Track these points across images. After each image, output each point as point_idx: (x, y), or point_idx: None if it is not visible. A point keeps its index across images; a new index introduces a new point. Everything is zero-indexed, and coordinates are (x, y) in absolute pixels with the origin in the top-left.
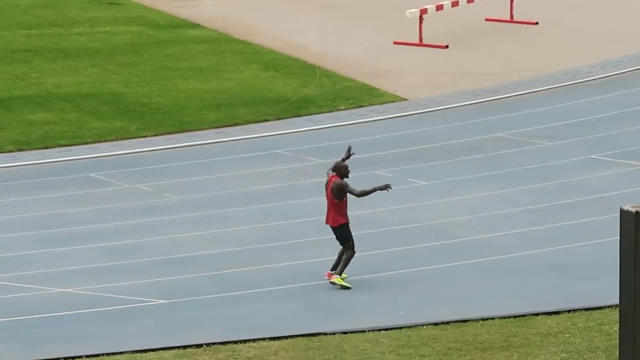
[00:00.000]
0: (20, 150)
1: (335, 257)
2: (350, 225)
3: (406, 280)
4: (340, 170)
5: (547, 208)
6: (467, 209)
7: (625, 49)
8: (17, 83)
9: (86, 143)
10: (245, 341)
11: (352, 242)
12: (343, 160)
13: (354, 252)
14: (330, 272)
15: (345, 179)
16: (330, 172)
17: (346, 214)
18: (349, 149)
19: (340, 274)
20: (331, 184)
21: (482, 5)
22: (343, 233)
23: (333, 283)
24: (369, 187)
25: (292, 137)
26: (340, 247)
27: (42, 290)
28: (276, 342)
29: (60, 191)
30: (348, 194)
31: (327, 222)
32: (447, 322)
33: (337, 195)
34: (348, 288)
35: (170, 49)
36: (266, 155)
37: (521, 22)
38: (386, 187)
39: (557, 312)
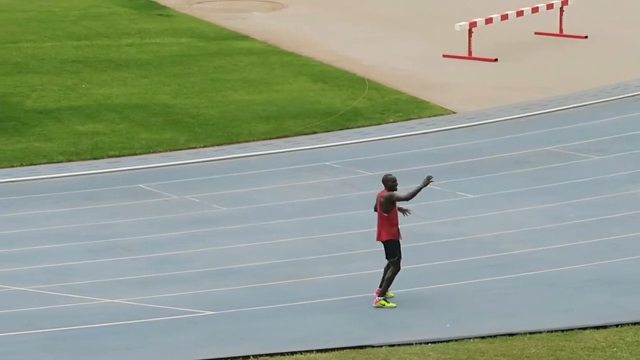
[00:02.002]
0: (69, 160)
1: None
2: (400, 241)
3: (453, 294)
4: (388, 183)
5: (595, 222)
6: (515, 222)
7: None
8: (67, 94)
9: (135, 154)
10: (292, 353)
11: (399, 257)
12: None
13: (398, 269)
14: (379, 288)
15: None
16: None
17: (395, 229)
18: (429, 178)
19: (383, 294)
20: (380, 199)
21: (531, 18)
22: (390, 247)
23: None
24: (412, 188)
25: (340, 149)
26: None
27: (90, 300)
28: (324, 354)
29: (109, 202)
30: (396, 207)
31: (377, 239)
32: (495, 336)
33: (385, 208)
34: (393, 307)
35: (220, 60)
36: (314, 168)
37: (570, 35)
38: (429, 180)
39: (604, 327)
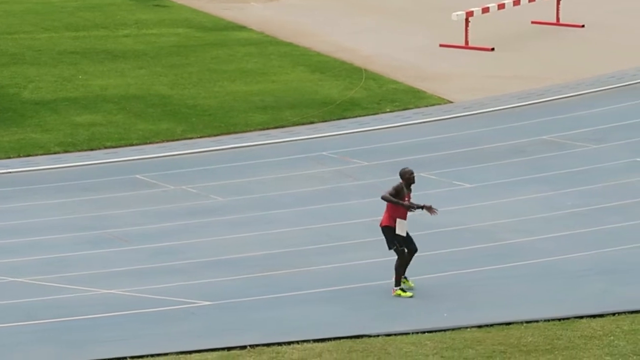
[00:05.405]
0: (66, 151)
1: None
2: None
3: (450, 283)
4: (404, 175)
5: (592, 211)
6: (512, 211)
7: None
8: (64, 85)
9: (132, 145)
10: (289, 343)
11: (397, 248)
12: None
13: (402, 258)
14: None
15: (398, 185)
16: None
17: (396, 218)
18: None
19: (398, 284)
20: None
21: (528, 8)
22: (386, 235)
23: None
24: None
25: (337, 139)
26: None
27: (87, 291)
28: (320, 344)
29: (106, 193)
30: (406, 199)
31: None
32: (491, 325)
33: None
34: (410, 297)
35: (217, 51)
36: (311, 158)
37: (567, 24)
38: (431, 210)
39: (601, 315)
